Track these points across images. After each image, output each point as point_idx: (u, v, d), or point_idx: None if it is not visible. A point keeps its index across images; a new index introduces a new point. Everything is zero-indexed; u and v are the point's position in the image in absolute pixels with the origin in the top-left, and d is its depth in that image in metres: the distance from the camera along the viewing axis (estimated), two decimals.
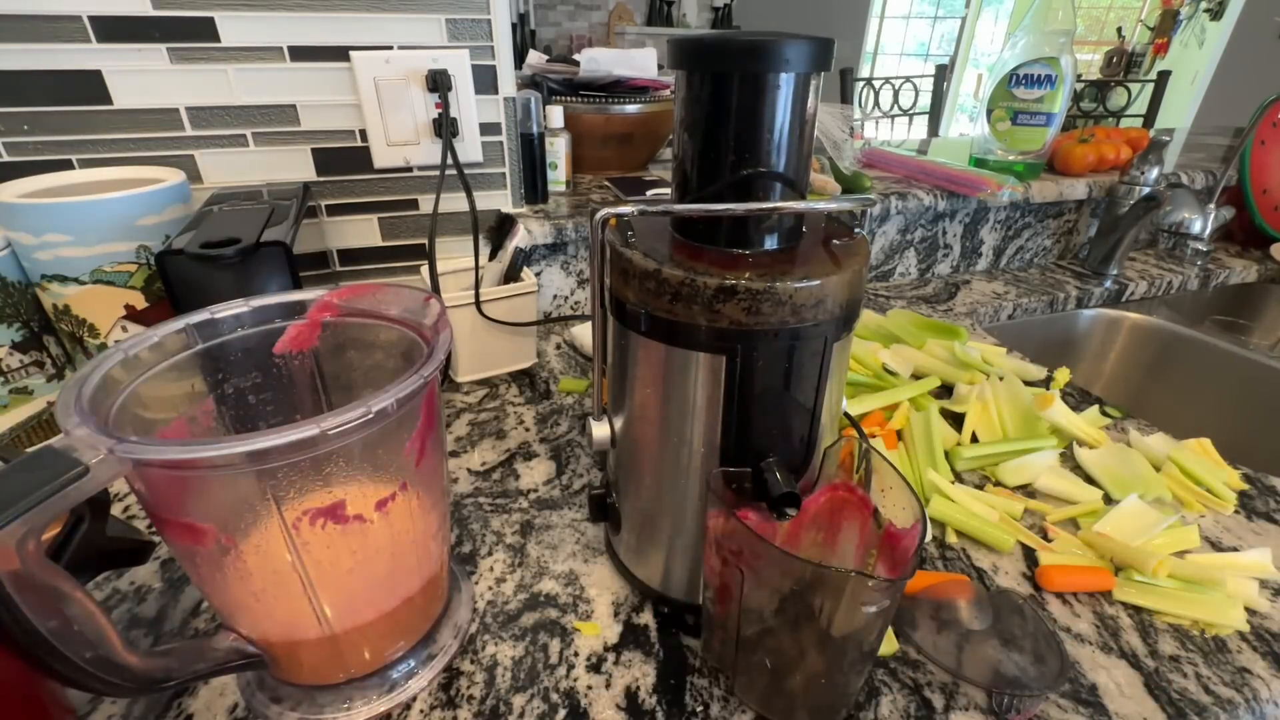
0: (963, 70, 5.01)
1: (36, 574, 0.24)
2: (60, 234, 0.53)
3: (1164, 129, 1.70)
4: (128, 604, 0.44)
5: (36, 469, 0.24)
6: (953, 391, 0.70)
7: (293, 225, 0.55)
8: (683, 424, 0.37)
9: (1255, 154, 1.16)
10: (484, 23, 0.71)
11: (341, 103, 0.70)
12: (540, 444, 0.62)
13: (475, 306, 0.67)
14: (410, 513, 0.35)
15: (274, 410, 0.39)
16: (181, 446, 0.26)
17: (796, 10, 4.43)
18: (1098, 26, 4.41)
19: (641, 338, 0.37)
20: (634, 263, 0.35)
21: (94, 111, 0.63)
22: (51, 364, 0.60)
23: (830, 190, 0.90)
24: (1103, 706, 0.38)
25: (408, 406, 0.32)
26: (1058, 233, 1.12)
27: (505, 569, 0.47)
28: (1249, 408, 0.92)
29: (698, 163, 0.36)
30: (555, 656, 0.41)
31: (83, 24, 0.60)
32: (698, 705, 0.38)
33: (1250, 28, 3.56)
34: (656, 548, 0.43)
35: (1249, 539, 0.52)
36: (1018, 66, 0.95)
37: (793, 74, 0.32)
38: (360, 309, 0.38)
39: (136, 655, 0.29)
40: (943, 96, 2.15)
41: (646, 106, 0.98)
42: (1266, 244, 1.21)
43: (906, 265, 1.04)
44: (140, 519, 0.51)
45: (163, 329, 0.34)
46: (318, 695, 0.37)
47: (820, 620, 0.32)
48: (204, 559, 0.31)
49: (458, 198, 0.76)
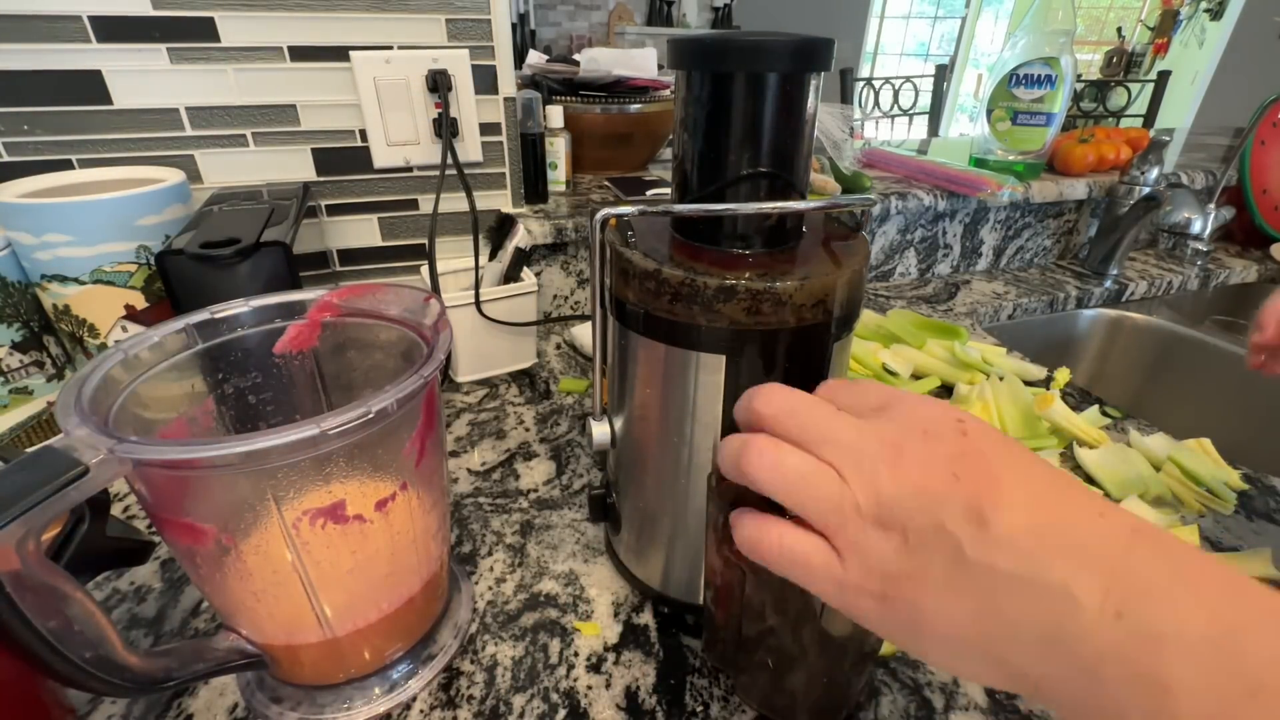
0: (963, 70, 5.02)
1: (36, 574, 0.24)
2: (60, 234, 0.53)
3: (1164, 129, 1.70)
4: (128, 604, 0.44)
5: (36, 469, 0.24)
6: (953, 392, 0.70)
7: (293, 225, 0.55)
8: (683, 424, 0.37)
9: (1255, 154, 1.16)
10: (484, 23, 0.71)
11: (341, 103, 0.70)
12: (540, 444, 0.62)
13: (475, 306, 0.67)
14: (410, 513, 0.35)
15: (274, 410, 0.39)
16: (181, 446, 0.26)
17: (796, 10, 4.43)
18: (1098, 26, 4.41)
19: (641, 338, 0.37)
20: (634, 263, 0.35)
21: (94, 111, 0.63)
22: (51, 364, 0.60)
23: (830, 190, 0.90)
24: None
25: (408, 406, 0.32)
26: (1058, 233, 1.12)
27: (505, 569, 0.47)
28: (1249, 408, 0.91)
29: (698, 163, 0.36)
30: (555, 656, 0.41)
31: (83, 24, 0.60)
32: (698, 705, 0.38)
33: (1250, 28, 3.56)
34: (656, 548, 0.43)
35: (1249, 539, 0.52)
36: (1018, 66, 0.95)
37: (793, 74, 0.32)
38: (360, 309, 0.38)
39: (136, 655, 0.29)
40: (943, 96, 2.15)
41: (646, 106, 0.98)
42: (1266, 244, 1.21)
43: (906, 265, 1.04)
44: (140, 519, 0.51)
45: (163, 329, 0.34)
46: (318, 695, 0.37)
47: (821, 620, 0.32)
48: (204, 559, 0.31)
49: (458, 198, 0.76)
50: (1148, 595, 0.17)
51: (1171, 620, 0.17)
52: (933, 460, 0.21)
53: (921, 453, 0.21)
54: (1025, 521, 0.19)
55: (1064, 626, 0.18)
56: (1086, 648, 0.17)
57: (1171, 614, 0.17)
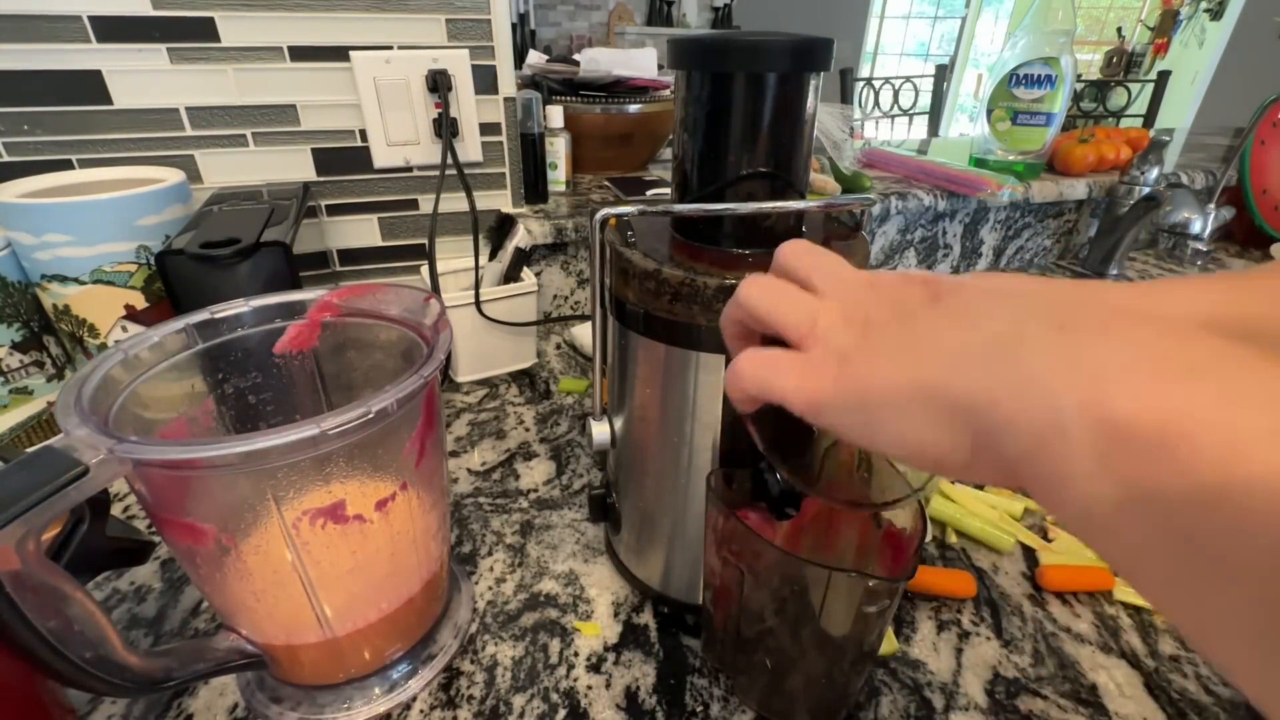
0: (963, 70, 5.01)
1: (36, 574, 0.24)
2: (60, 234, 0.53)
3: (1164, 129, 1.70)
4: (128, 604, 0.44)
5: (36, 469, 0.24)
6: None
7: (293, 225, 0.55)
8: (683, 424, 0.37)
9: (1255, 154, 1.16)
10: (484, 23, 0.71)
11: (341, 103, 0.70)
12: (540, 444, 0.62)
13: (475, 306, 0.67)
14: (410, 513, 0.35)
15: (274, 410, 0.39)
16: (181, 446, 0.26)
17: (796, 10, 4.43)
18: (1098, 26, 4.41)
19: (641, 338, 0.37)
20: (634, 263, 0.35)
21: (94, 111, 0.63)
22: (51, 364, 0.60)
23: (830, 190, 0.90)
24: (1103, 706, 0.38)
25: (408, 406, 0.32)
26: (1058, 233, 1.12)
27: (505, 569, 0.47)
28: None
29: (698, 163, 0.36)
30: (555, 656, 0.41)
31: (83, 24, 0.60)
32: (698, 705, 0.38)
33: (1250, 28, 3.56)
34: (656, 548, 0.43)
35: None
36: (1018, 66, 0.95)
37: (792, 74, 0.32)
38: (360, 309, 0.38)
39: (136, 655, 0.29)
40: (943, 96, 2.15)
41: (646, 106, 0.98)
42: (1266, 244, 1.20)
43: (906, 265, 1.04)
44: (140, 519, 0.51)
45: (163, 329, 0.34)
46: (318, 695, 0.37)
47: (820, 620, 0.32)
48: (204, 559, 0.31)
49: (458, 198, 0.76)
50: (1092, 321, 0.17)
51: (1116, 338, 0.16)
52: (908, 284, 0.22)
53: (897, 280, 0.23)
54: (980, 288, 0.20)
55: (1005, 345, 0.18)
56: (1028, 354, 0.17)
57: (1117, 333, 0.16)
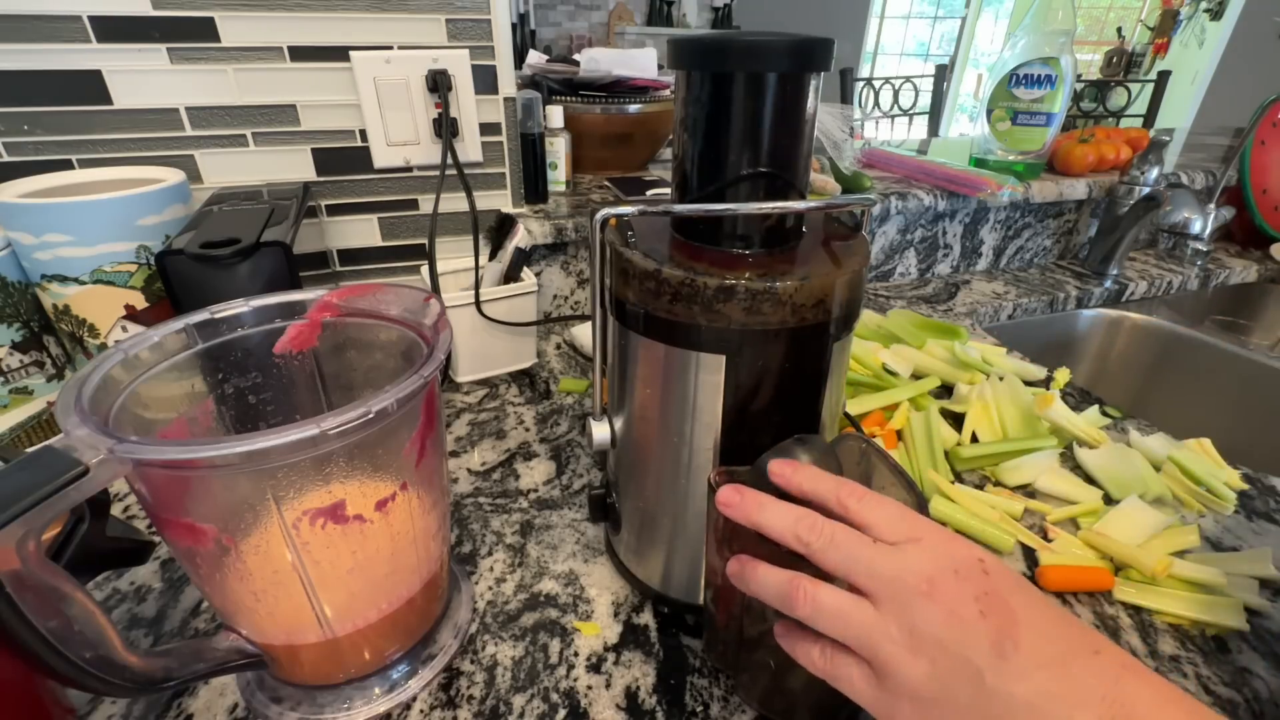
0: (963, 70, 5.02)
1: (36, 574, 0.24)
2: (60, 234, 0.53)
3: (1164, 129, 1.70)
4: (128, 604, 0.44)
5: (36, 469, 0.24)
6: (953, 391, 0.70)
7: (293, 225, 0.55)
8: (683, 424, 0.37)
9: (1255, 154, 1.16)
10: (484, 23, 0.71)
11: (341, 103, 0.70)
12: (540, 444, 0.62)
13: (475, 306, 0.67)
14: (410, 513, 0.35)
15: (274, 410, 0.39)
16: (181, 446, 0.26)
17: (796, 10, 4.43)
18: (1098, 26, 4.41)
19: (641, 338, 0.37)
20: (634, 263, 0.35)
21: (94, 111, 0.63)
22: (51, 364, 0.60)
23: (830, 190, 0.90)
24: None
25: (408, 406, 0.32)
26: (1058, 233, 1.12)
27: (505, 569, 0.47)
28: (1249, 408, 0.91)
29: (698, 163, 0.36)
30: (555, 656, 0.41)
31: (83, 24, 0.60)
32: (698, 705, 0.38)
33: (1250, 28, 3.56)
34: (656, 548, 0.43)
35: (1249, 539, 0.52)
36: (1018, 66, 0.95)
37: (792, 74, 0.32)
38: (360, 309, 0.38)
39: (136, 655, 0.29)
40: (943, 96, 2.15)
41: (646, 106, 0.98)
42: (1266, 244, 1.21)
43: (906, 265, 1.04)
44: (140, 519, 0.51)
45: (163, 329, 0.34)
46: (318, 695, 0.37)
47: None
48: (204, 559, 0.31)
49: (458, 198, 0.76)
50: (1135, 713, 0.22)
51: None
52: (962, 597, 0.25)
53: (953, 589, 0.25)
54: (1037, 657, 0.24)
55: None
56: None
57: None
